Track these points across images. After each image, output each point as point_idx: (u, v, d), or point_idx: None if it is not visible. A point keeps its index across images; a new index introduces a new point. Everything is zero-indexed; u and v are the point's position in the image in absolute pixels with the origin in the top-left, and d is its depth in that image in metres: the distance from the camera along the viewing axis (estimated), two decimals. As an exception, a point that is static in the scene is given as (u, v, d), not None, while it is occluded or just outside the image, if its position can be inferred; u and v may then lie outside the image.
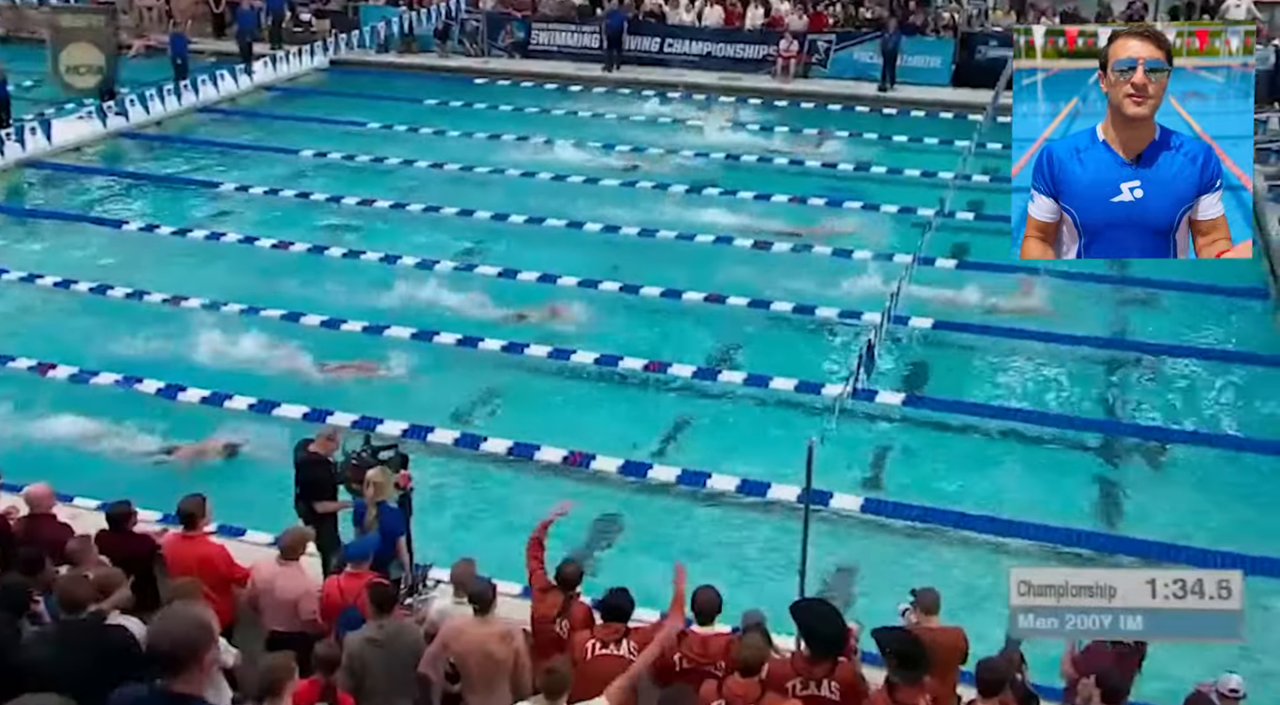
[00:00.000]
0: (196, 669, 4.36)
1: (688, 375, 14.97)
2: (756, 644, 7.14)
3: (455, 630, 7.67)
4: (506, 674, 7.58)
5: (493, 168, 23.53)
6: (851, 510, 12.26)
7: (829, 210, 21.16)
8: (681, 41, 31.27)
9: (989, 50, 28.92)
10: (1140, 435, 14.10)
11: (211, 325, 15.93)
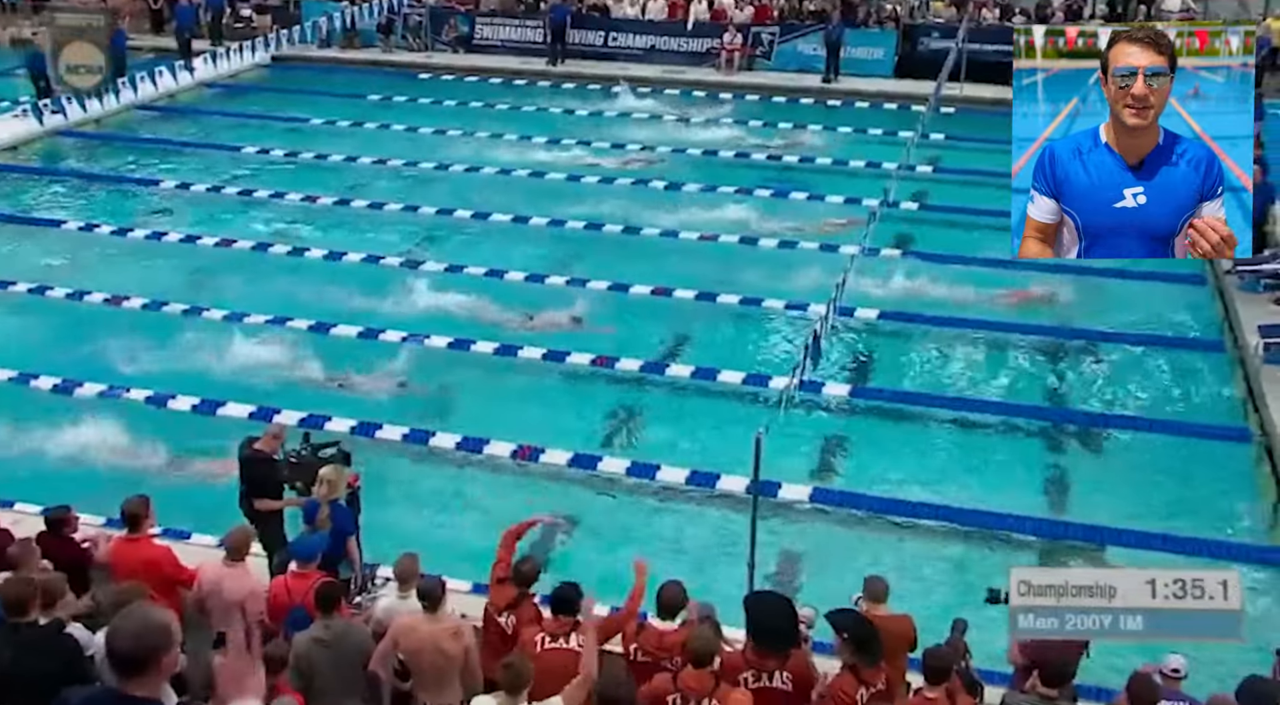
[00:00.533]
0: (155, 672, 4.30)
1: (636, 369, 14.98)
2: (706, 635, 7.16)
3: (406, 627, 7.64)
4: (458, 670, 7.56)
5: (438, 163, 23.41)
6: (800, 500, 12.33)
7: (775, 202, 21.24)
8: (626, 35, 31.28)
9: (931, 42, 29.20)
10: (1083, 421, 14.25)
11: (154, 325, 15.72)
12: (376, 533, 9.88)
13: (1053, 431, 14.14)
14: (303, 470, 9.54)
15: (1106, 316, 16.85)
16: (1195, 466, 13.26)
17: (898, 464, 13.26)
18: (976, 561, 11.57)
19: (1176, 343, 16.11)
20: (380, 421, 13.52)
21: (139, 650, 4.22)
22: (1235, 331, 15.92)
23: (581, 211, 20.73)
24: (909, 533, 12.02)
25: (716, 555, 11.30)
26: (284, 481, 9.82)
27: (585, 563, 11.07)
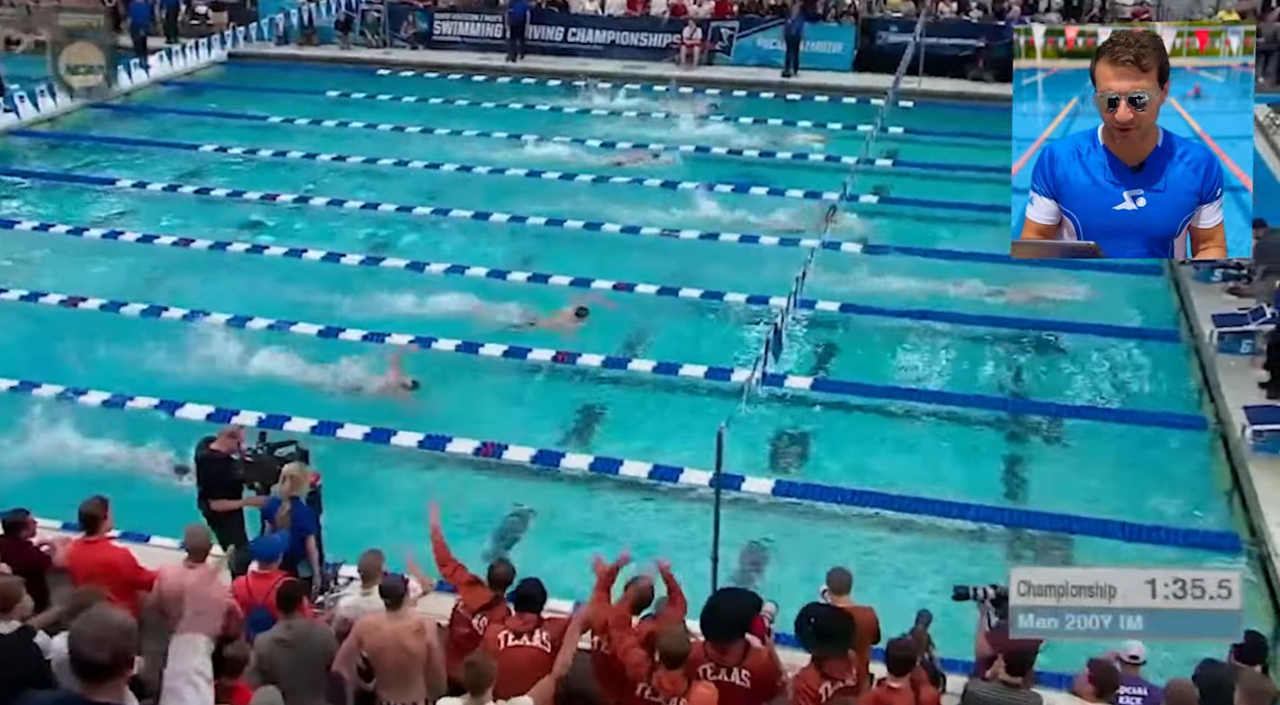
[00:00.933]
0: (120, 676, 4.27)
1: (597, 364, 14.97)
2: (679, 635, 7.18)
3: (369, 626, 7.62)
4: (421, 668, 7.56)
5: (397, 160, 23.29)
6: (763, 493, 12.37)
7: (736, 196, 21.28)
8: (585, 30, 31.23)
9: (889, 35, 29.33)
10: (1043, 412, 14.37)
11: (112, 326, 15.57)
12: (339, 532, 9.84)
13: (1012, 422, 14.25)
14: (259, 469, 9.48)
15: (1064, 308, 16.96)
16: (1153, 455, 13.39)
17: (860, 456, 13.32)
18: (939, 552, 11.66)
19: (1133, 333, 16.24)
20: (341, 421, 13.46)
21: (106, 655, 4.19)
22: (1190, 321, 16.09)
23: (542, 208, 20.69)
24: (872, 524, 12.07)
25: (680, 550, 11.28)
26: (241, 481, 9.75)
27: (548, 559, 11.07)
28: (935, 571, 11.27)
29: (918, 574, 11.22)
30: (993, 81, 28.16)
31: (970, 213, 20.26)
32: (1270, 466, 12.32)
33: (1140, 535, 11.66)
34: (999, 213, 20.34)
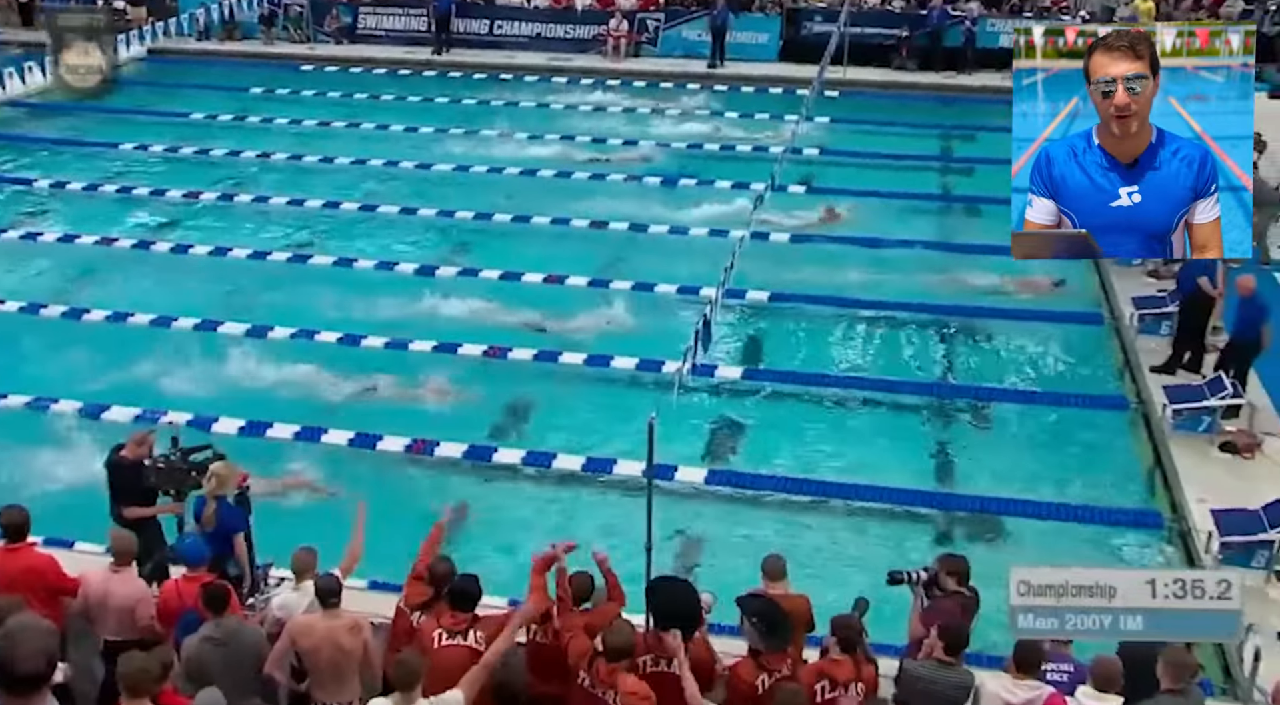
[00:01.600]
0: (48, 686, 4.21)
1: (529, 358, 14.94)
2: (624, 630, 7.19)
3: (303, 626, 7.55)
4: (356, 666, 7.51)
5: (323, 156, 23.06)
6: (696, 482, 12.43)
7: (664, 189, 21.34)
8: (511, 23, 31.11)
9: (814, 25, 29.50)
10: (970, 396, 14.57)
11: (32, 328, 15.28)
12: (270, 533, 9.72)
13: (941, 406, 14.42)
14: (172, 475, 9.26)
15: (990, 293, 17.20)
16: (1078, 435, 13.63)
17: (791, 444, 13.42)
18: (872, 537, 11.79)
19: (1057, 317, 16.49)
20: (271, 421, 13.32)
21: (41, 666, 4.12)
22: (1111, 303, 16.39)
23: (471, 201, 20.62)
24: (805, 511, 12.17)
25: (614, 541, 11.29)
26: (153, 488, 9.53)
27: (482, 554, 11.05)
28: (869, 556, 11.38)
29: (852, 559, 11.33)
30: (916, 70, 28.59)
31: (896, 200, 20.51)
32: (1189, 444, 12.59)
33: (1066, 514, 11.89)
34: (924, 200, 20.88)
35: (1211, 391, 12.79)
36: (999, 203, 21.05)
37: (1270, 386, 13.56)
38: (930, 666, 7.34)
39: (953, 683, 7.24)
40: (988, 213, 20.11)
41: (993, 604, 8.65)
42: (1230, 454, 12.43)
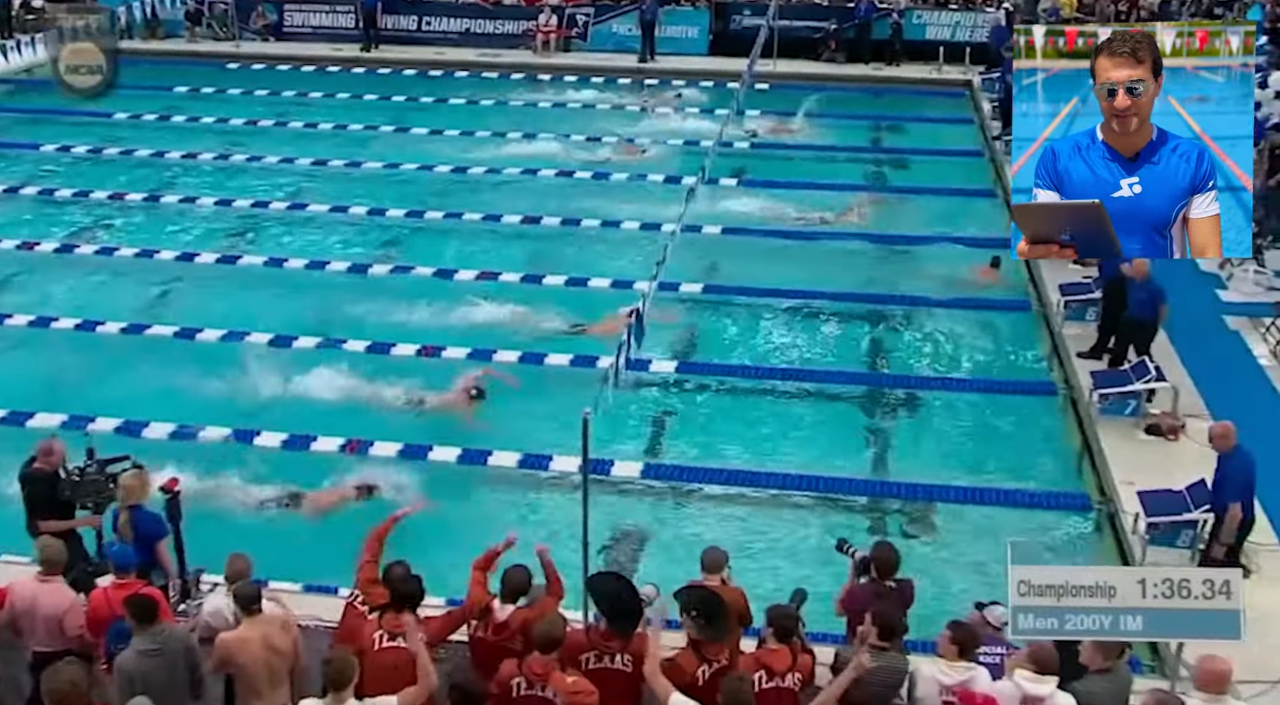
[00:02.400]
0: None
1: (463, 356, 14.86)
2: (553, 621, 7.20)
3: (237, 642, 7.43)
4: (289, 665, 7.42)
5: (250, 155, 22.79)
6: (633, 477, 12.46)
7: (595, 183, 21.33)
8: (439, 19, 30.91)
9: (743, 19, 29.63)
10: (902, 384, 14.71)
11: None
12: (202, 537, 9.61)
13: (874, 395, 14.55)
14: (87, 487, 9.11)
15: (919, 281, 17.39)
16: (1008, 421, 13.82)
17: (726, 436, 13.48)
18: (810, 527, 11.87)
19: (986, 304, 16.71)
20: (203, 424, 13.15)
21: None
22: (1039, 290, 16.63)
23: (402, 198, 20.48)
24: (741, 503, 12.24)
25: (552, 537, 11.29)
26: (69, 500, 9.33)
27: (418, 554, 10.97)
28: (806, 546, 11.50)
29: (789, 550, 11.42)
30: (844, 62, 28.81)
31: (827, 192, 20.66)
32: (1115, 428, 12.82)
33: (997, 499, 12.06)
34: (853, 192, 21.01)
35: (1136, 376, 13.04)
36: (930, 193, 21.49)
37: (1192, 369, 13.84)
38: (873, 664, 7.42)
39: (887, 669, 7.32)
40: (919, 203, 20.39)
41: (921, 592, 8.81)
42: (1155, 436, 12.67)
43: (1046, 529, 11.73)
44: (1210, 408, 12.97)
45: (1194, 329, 14.74)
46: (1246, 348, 14.76)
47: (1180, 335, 14.41)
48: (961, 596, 10.11)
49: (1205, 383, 13.59)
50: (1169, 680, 8.63)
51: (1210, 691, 7.04)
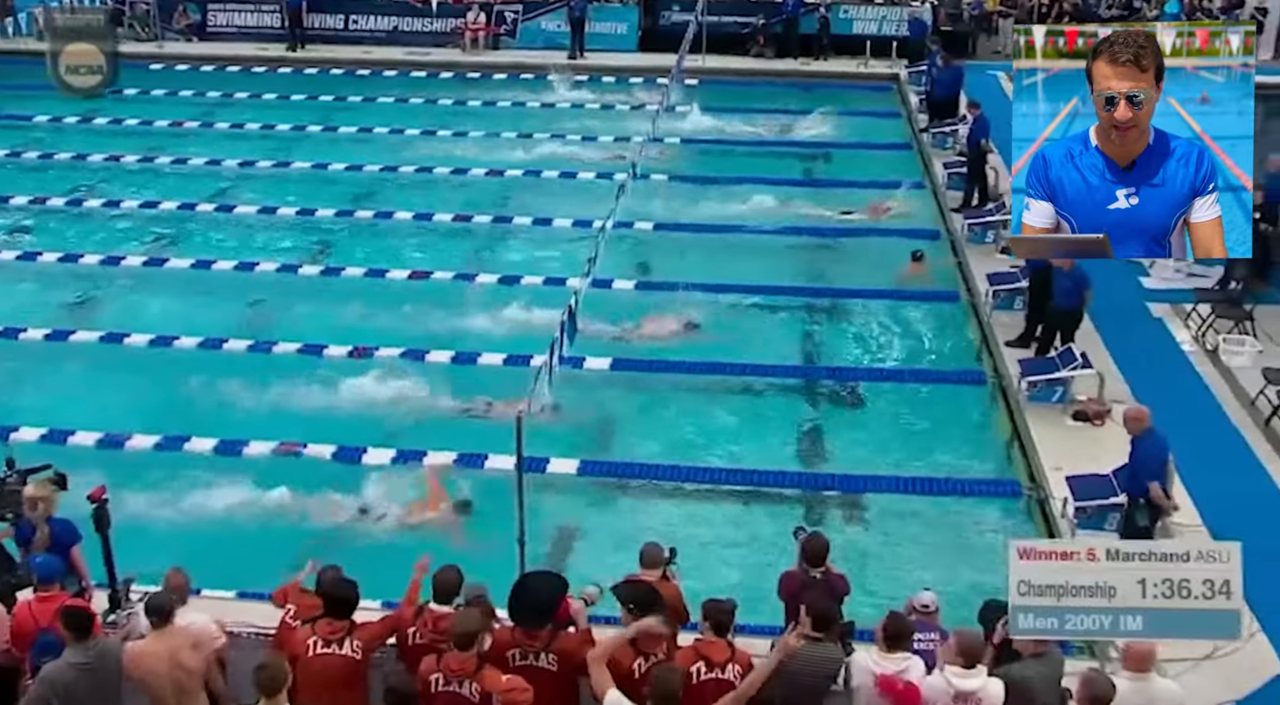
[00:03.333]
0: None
1: (396, 356, 14.76)
2: (471, 618, 7.15)
3: (137, 652, 7.27)
4: (201, 683, 7.29)
5: (176, 157, 22.48)
6: (569, 473, 12.44)
7: (526, 181, 21.28)
8: (366, 17, 30.65)
9: (672, 15, 29.68)
10: (834, 376, 14.82)
11: None
12: (132, 544, 9.45)
13: (806, 388, 14.65)
14: (6, 498, 8.94)
15: (850, 274, 17.54)
16: (940, 411, 13.98)
17: (662, 431, 13.51)
18: (745, 520, 11.94)
19: (916, 296, 16.88)
20: (130, 431, 12.96)
21: None
22: (968, 281, 16.84)
23: (331, 198, 20.31)
24: (678, 497, 12.27)
25: (490, 536, 11.26)
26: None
27: (354, 559, 10.89)
28: (741, 540, 11.55)
29: (725, 544, 11.46)
30: (773, 57, 28.97)
31: (757, 186, 20.78)
32: (1044, 415, 13.01)
33: (929, 488, 12.20)
34: (782, 186, 21.13)
35: (1063, 363, 13.24)
36: (858, 186, 21.63)
37: (1117, 356, 14.09)
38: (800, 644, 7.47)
39: (821, 657, 7.36)
40: (847, 196, 20.55)
41: (860, 582, 8.90)
42: (1082, 422, 12.88)
43: (978, 516, 11.87)
44: (1135, 393, 13.20)
45: (1118, 316, 15.00)
46: (1169, 334, 15.05)
47: (1105, 322, 14.67)
48: (897, 585, 10.24)
49: (1130, 369, 13.82)
50: (1099, 661, 8.79)
51: (1135, 670, 7.20)
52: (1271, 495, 11.62)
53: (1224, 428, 12.83)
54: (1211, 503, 11.10)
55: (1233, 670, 9.01)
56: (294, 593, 8.12)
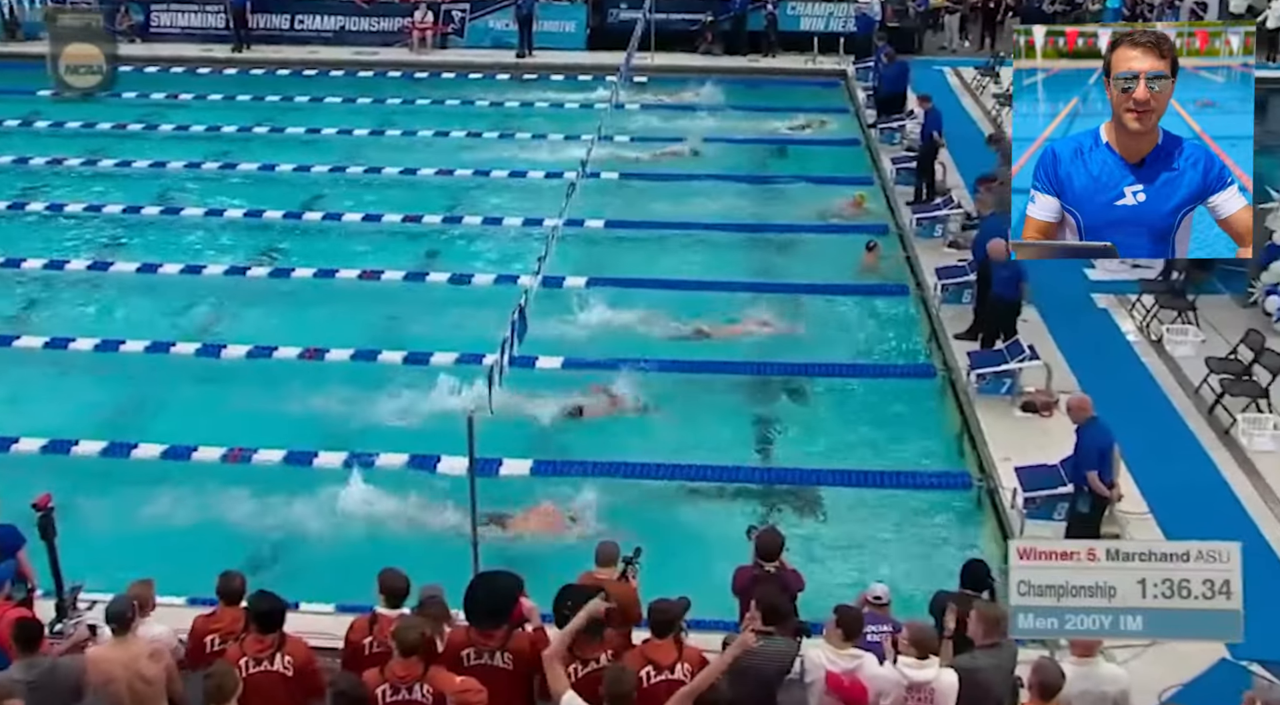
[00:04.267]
0: None
1: (347, 358, 14.67)
2: (410, 624, 7.08)
3: (94, 659, 7.17)
4: (162, 693, 7.19)
5: (120, 160, 22.22)
6: (522, 474, 12.41)
7: (476, 180, 21.22)
8: (312, 17, 30.46)
9: (620, 12, 29.70)
10: (785, 371, 14.84)
11: None
12: (79, 552, 9.34)
13: (758, 383, 14.67)
14: None
15: (800, 269, 17.62)
16: (891, 404, 14.05)
17: (616, 429, 13.48)
18: (699, 517, 11.93)
19: (866, 290, 16.98)
20: (77, 437, 12.80)
21: None
22: (917, 275, 16.97)
23: (279, 200, 20.15)
24: (631, 495, 12.25)
25: (444, 538, 11.22)
26: None
27: (307, 564, 10.87)
28: (696, 538, 11.53)
29: (680, 541, 11.45)
30: (721, 54, 29.05)
31: (707, 182, 20.84)
32: (993, 407, 13.13)
33: (881, 481, 12.28)
34: (729, 182, 21.18)
35: (1011, 355, 13.37)
36: (808, 181, 21.70)
37: (1064, 347, 14.25)
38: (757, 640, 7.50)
39: (771, 652, 7.38)
40: (797, 192, 20.64)
41: (812, 576, 8.94)
42: (1030, 413, 13.01)
43: (929, 508, 11.96)
44: (1082, 384, 13.32)
45: (1065, 308, 15.17)
46: (1114, 324, 15.24)
47: (1051, 314, 14.85)
48: (850, 579, 10.31)
49: (1076, 360, 13.99)
50: (1049, 649, 8.90)
51: (1082, 656, 7.30)
52: (1216, 482, 11.79)
53: (1169, 416, 13.00)
54: (1158, 490, 11.26)
55: (1178, 655, 9.12)
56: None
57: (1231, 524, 10.92)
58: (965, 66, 27.40)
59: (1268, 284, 14.84)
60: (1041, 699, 6.83)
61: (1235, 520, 11.03)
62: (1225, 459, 12.14)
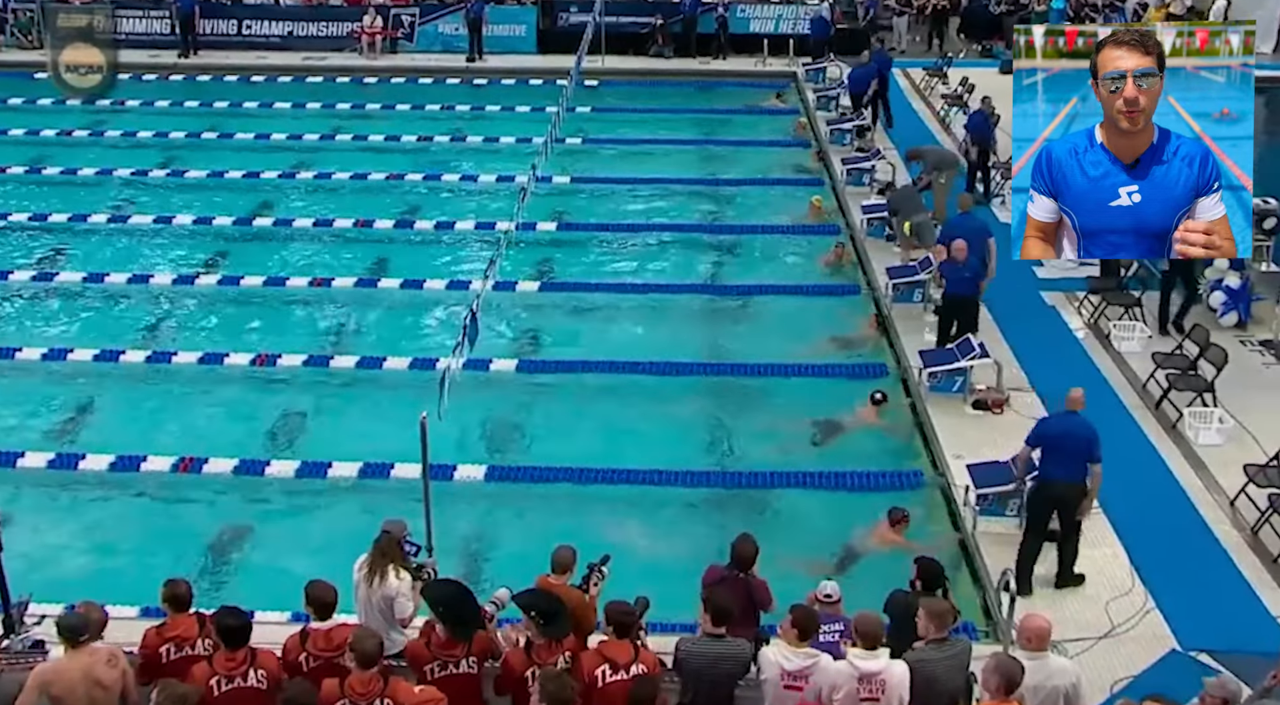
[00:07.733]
0: None
1: (298, 365, 14.57)
2: (367, 636, 7.02)
3: (52, 671, 7.07)
4: (117, 698, 7.14)
5: (65, 168, 21.93)
6: (476, 479, 12.36)
7: (428, 185, 21.14)
8: (260, 22, 30.18)
9: (570, 15, 29.67)
10: (740, 373, 14.87)
11: None
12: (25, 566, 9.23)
13: (712, 386, 14.69)
14: None
15: (755, 270, 17.69)
16: (844, 405, 14.11)
17: (570, 434, 13.46)
18: (658, 521, 11.92)
19: (819, 290, 17.06)
20: (23, 449, 12.63)
21: None
22: (868, 274, 17.07)
23: (228, 206, 19.99)
24: (586, 501, 12.22)
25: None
26: None
27: (259, 573, 10.78)
28: (653, 542, 11.53)
29: (638, 547, 11.43)
30: (672, 57, 29.10)
31: (658, 186, 20.87)
32: (944, 405, 13.24)
33: (834, 482, 12.33)
34: (681, 185, 21.21)
35: (961, 353, 13.48)
36: (758, 184, 21.76)
37: (1014, 344, 14.39)
38: (702, 641, 7.52)
39: (721, 654, 7.41)
40: (748, 194, 20.72)
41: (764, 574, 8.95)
42: (982, 411, 13.12)
43: (883, 507, 12.00)
44: (1032, 381, 13.51)
45: (1013, 306, 15.31)
46: (1063, 321, 15.39)
47: (1001, 312, 14.98)
48: (804, 578, 10.33)
49: (1026, 356, 14.13)
50: (1002, 644, 8.99)
51: (1032, 648, 7.38)
52: (1162, 474, 11.94)
53: (1117, 411, 13.11)
54: (1106, 484, 11.23)
55: (1129, 647, 9.26)
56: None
57: (1178, 517, 11.09)
58: (914, 67, 27.60)
59: (1212, 279, 15.05)
60: (1005, 694, 6.89)
61: (1181, 513, 11.19)
62: (1171, 452, 12.30)
